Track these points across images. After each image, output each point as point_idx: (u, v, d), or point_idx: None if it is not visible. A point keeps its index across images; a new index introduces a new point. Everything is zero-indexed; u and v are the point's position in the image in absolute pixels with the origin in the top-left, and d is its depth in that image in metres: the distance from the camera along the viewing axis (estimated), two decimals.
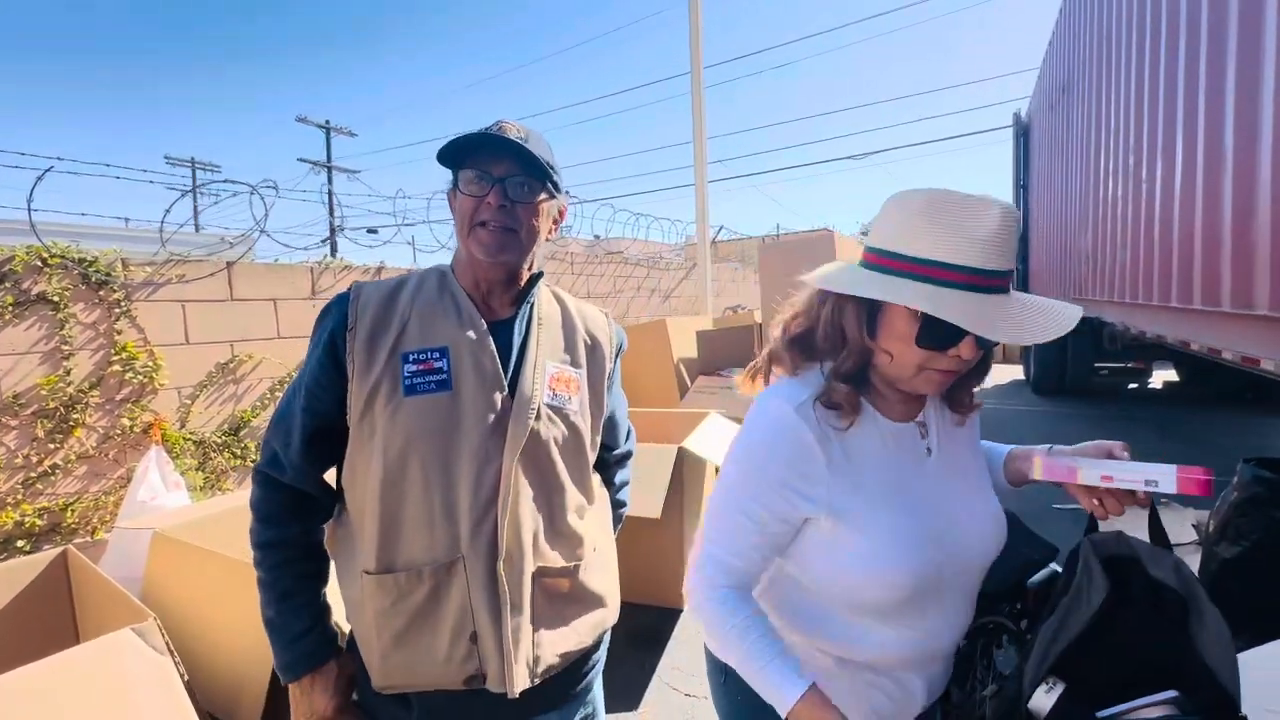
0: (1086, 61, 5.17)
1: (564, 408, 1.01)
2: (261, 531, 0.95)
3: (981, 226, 0.74)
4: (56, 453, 2.92)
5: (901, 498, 0.84)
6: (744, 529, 0.84)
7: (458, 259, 1.03)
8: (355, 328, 0.93)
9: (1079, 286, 5.61)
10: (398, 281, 1.01)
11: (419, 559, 0.90)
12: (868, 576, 0.82)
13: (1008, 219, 0.75)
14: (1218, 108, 2.38)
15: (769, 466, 0.83)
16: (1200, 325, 2.83)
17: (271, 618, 0.95)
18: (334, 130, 21.36)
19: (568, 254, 6.67)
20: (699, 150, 7.41)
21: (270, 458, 0.96)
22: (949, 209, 0.76)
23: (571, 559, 1.02)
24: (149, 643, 1.46)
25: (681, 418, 3.45)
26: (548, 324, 1.04)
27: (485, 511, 0.92)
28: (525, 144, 0.92)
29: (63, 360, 2.93)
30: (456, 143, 0.92)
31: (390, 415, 0.90)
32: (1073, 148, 5.87)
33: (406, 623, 0.90)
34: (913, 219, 0.78)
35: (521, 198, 0.94)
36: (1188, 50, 2.70)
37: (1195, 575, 0.79)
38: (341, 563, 0.98)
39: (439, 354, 0.93)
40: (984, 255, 0.74)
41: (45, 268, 2.89)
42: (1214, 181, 2.44)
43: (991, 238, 0.74)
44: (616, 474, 1.26)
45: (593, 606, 1.05)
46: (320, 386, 0.93)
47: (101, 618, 1.89)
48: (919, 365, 0.80)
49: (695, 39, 7.31)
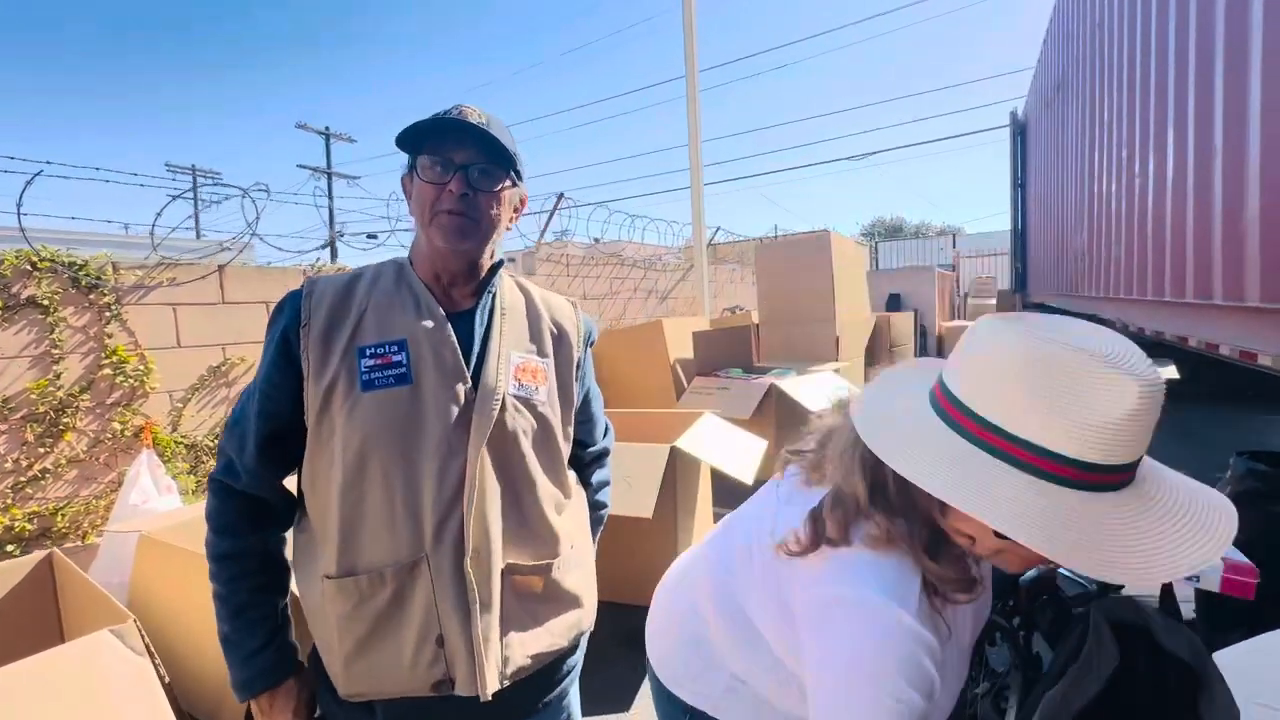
0: (1080, 58, 5.16)
1: (531, 398, 0.98)
2: (217, 543, 0.92)
3: (1109, 410, 0.55)
4: (47, 457, 2.92)
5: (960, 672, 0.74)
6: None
7: (416, 249, 0.99)
8: (309, 324, 0.90)
9: (1075, 283, 5.60)
10: (353, 275, 0.98)
11: (381, 561, 0.87)
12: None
13: (1145, 399, 0.55)
14: (1207, 101, 2.37)
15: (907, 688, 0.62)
16: (1194, 319, 2.81)
17: (227, 634, 0.92)
18: (334, 136, 21.43)
19: (564, 256, 6.67)
20: (694, 153, 7.42)
21: (225, 465, 0.92)
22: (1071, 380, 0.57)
23: (545, 556, 0.98)
24: (128, 644, 1.45)
25: (676, 417, 3.43)
26: (511, 313, 1.02)
27: (450, 508, 0.88)
28: (487, 129, 0.89)
29: (53, 364, 2.93)
30: (417, 127, 0.89)
31: (348, 413, 0.87)
32: (1068, 144, 5.86)
33: (369, 628, 0.87)
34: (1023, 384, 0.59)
35: (483, 185, 0.91)
36: (1177, 45, 2.69)
37: (1207, 651, 0.74)
38: (302, 568, 0.95)
39: (397, 347, 0.90)
40: (1106, 448, 0.56)
41: (35, 272, 2.88)
42: (1204, 174, 2.43)
43: (1120, 425, 0.55)
44: (594, 473, 1.22)
45: (568, 607, 1.02)
46: (274, 387, 0.90)
47: (85, 620, 1.88)
48: (1001, 549, 0.65)
49: (689, 42, 7.32)
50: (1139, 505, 0.60)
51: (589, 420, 1.17)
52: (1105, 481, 0.58)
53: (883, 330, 7.06)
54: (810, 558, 0.70)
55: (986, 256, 20.09)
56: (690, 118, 7.38)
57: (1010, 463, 0.60)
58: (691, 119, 7.37)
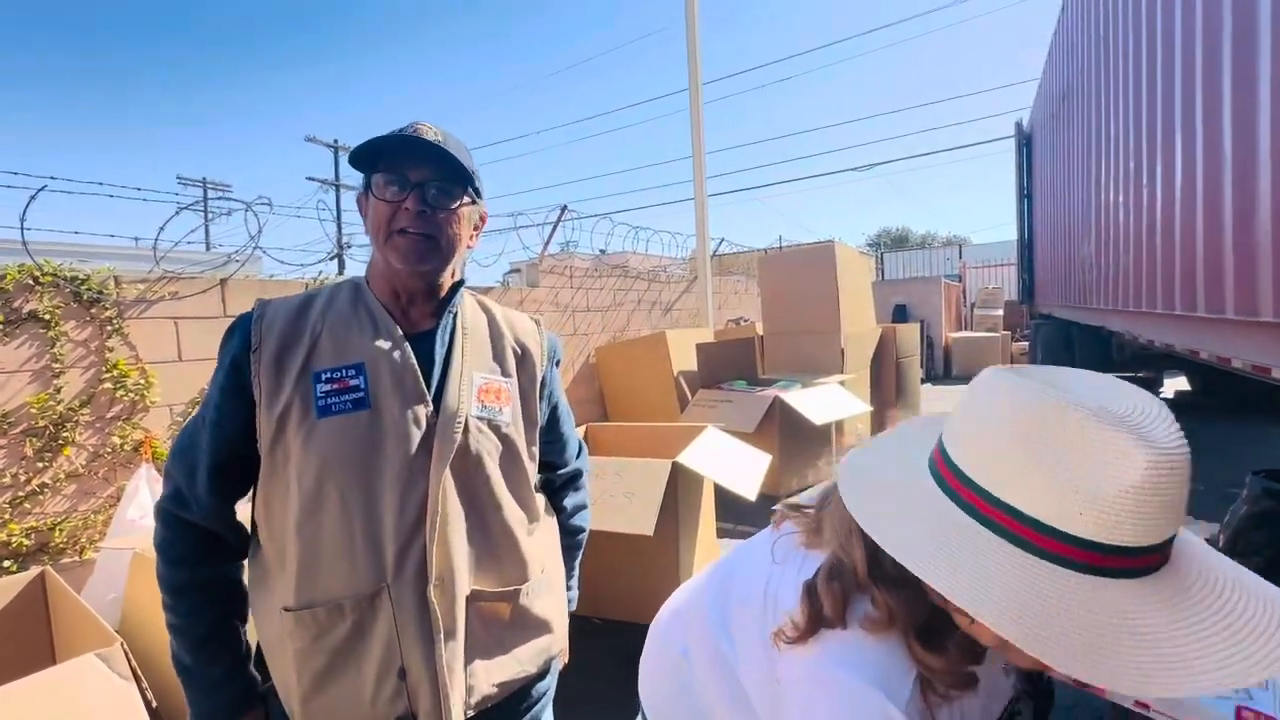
0: (1085, 69, 5.14)
1: (494, 419, 0.95)
2: (171, 575, 0.88)
3: (1117, 479, 0.46)
4: (45, 471, 2.91)
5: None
6: None
7: (374, 269, 0.96)
8: (260, 349, 0.87)
9: (1083, 295, 5.54)
10: (307, 296, 0.95)
11: (339, 592, 0.84)
12: None
13: (1163, 468, 0.46)
14: (1215, 111, 2.34)
15: None
16: (1206, 333, 2.76)
17: (188, 665, 0.88)
18: (342, 149, 21.64)
19: (567, 268, 6.67)
20: (698, 164, 7.43)
21: (173, 492, 0.89)
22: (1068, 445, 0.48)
23: (512, 581, 0.96)
24: (113, 668, 1.42)
25: (678, 431, 3.39)
26: (473, 333, 0.99)
27: (412, 535, 0.85)
28: (443, 146, 0.87)
29: (53, 378, 2.93)
30: (370, 145, 0.87)
31: (304, 440, 0.84)
32: (1074, 155, 5.83)
33: (328, 661, 0.84)
34: (1017, 447, 0.51)
35: (440, 204, 0.89)
36: (1183, 54, 2.66)
37: None
38: (257, 601, 0.91)
39: (354, 370, 0.87)
40: (1113, 525, 0.47)
41: (37, 286, 2.89)
42: (1214, 186, 2.39)
43: (1133, 497, 0.46)
44: (567, 496, 1.18)
45: (537, 633, 0.99)
46: (224, 415, 0.87)
47: (76, 641, 1.86)
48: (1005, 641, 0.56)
49: (693, 55, 7.35)
50: (1170, 595, 0.49)
51: (558, 440, 1.14)
52: (1115, 567, 0.48)
53: (889, 342, 7.00)
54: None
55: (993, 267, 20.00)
56: (694, 129, 7.40)
57: (1008, 539, 0.51)
58: (695, 130, 7.39)
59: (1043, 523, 0.49)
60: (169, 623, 0.89)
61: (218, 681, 0.88)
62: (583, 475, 1.22)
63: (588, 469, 1.24)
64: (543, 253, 6.41)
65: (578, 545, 1.22)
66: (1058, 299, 7.47)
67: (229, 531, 0.92)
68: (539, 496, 1.07)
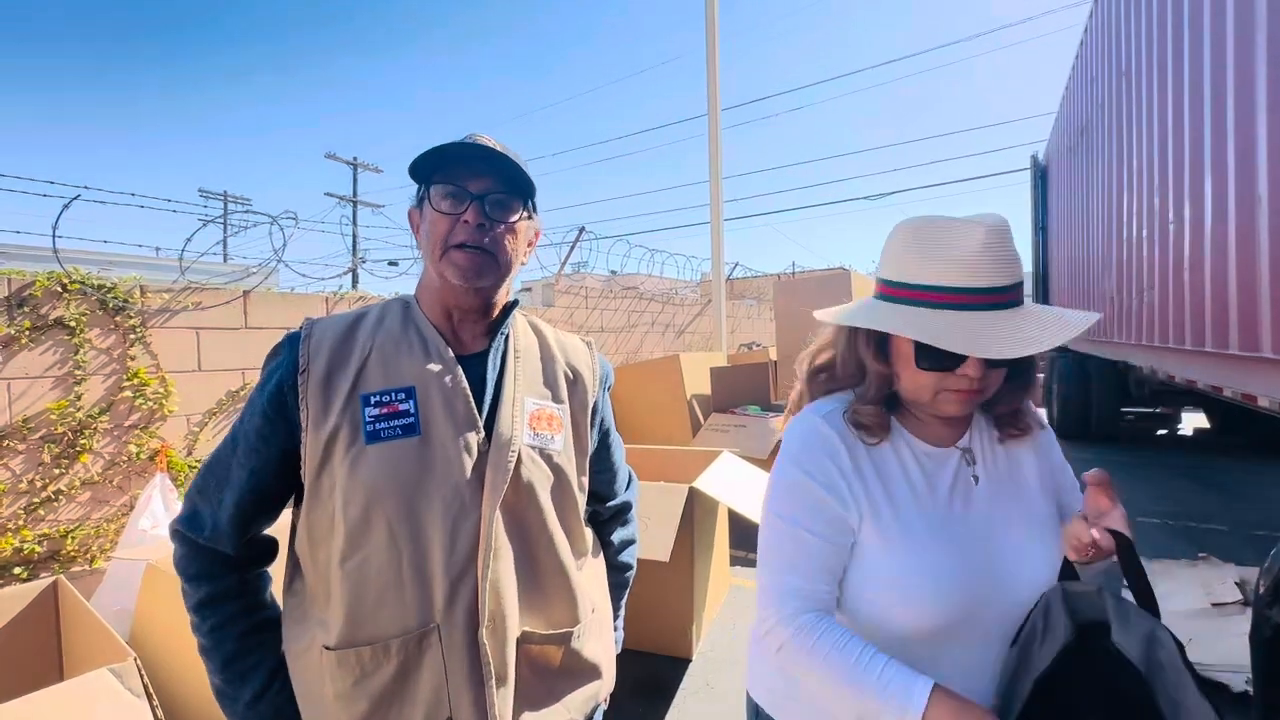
0: (1105, 102, 5.15)
1: (546, 447, 0.90)
2: (194, 591, 0.84)
3: (964, 246, 0.75)
4: (61, 478, 2.90)
5: (935, 526, 0.81)
6: (804, 548, 0.81)
7: (425, 286, 0.91)
8: (308, 370, 0.82)
9: (1104, 329, 5.48)
10: (356, 315, 0.90)
11: (386, 631, 0.79)
12: (891, 602, 0.79)
13: (993, 234, 0.75)
14: (1249, 145, 2.32)
15: (808, 477, 0.83)
16: (1236, 371, 2.71)
17: (220, 686, 0.85)
18: (361, 166, 22.03)
19: (583, 288, 6.69)
20: (715, 189, 7.48)
21: (190, 515, 0.84)
22: (934, 233, 0.77)
23: (563, 624, 0.90)
24: (126, 684, 1.39)
25: (693, 456, 3.35)
26: (525, 357, 0.94)
27: (463, 571, 0.80)
28: (505, 154, 0.84)
29: (75, 385, 2.94)
30: (431, 154, 0.83)
31: (350, 467, 0.79)
32: (1093, 189, 5.82)
33: (369, 708, 0.78)
34: (904, 246, 0.80)
35: (500, 216, 0.85)
36: (1214, 89, 2.66)
37: (1178, 653, 0.67)
38: (293, 638, 0.85)
39: (404, 394, 0.82)
40: (970, 274, 0.75)
41: (65, 293, 2.92)
42: (1247, 222, 2.36)
43: (976, 256, 0.75)
44: (615, 531, 1.12)
45: (587, 679, 0.93)
46: (263, 440, 0.82)
47: (85, 653, 1.83)
48: (934, 388, 0.80)
49: (712, 82, 7.45)
50: (1015, 313, 0.75)
51: (608, 470, 1.08)
52: (976, 302, 0.75)
53: None
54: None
55: None
56: (712, 154, 7.46)
57: (906, 303, 0.79)
58: (713, 156, 7.45)
59: (927, 285, 0.77)
60: (199, 646, 0.85)
61: (251, 700, 0.85)
62: (632, 509, 1.16)
63: (636, 501, 1.18)
64: (559, 273, 6.44)
65: (625, 583, 1.15)
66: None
67: (246, 552, 0.88)
68: (587, 530, 1.02)
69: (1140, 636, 0.70)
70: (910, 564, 0.79)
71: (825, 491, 0.82)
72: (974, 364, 0.76)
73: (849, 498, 0.82)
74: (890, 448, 0.85)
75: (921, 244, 0.78)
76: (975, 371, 0.77)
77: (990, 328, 0.74)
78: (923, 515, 0.82)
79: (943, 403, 0.81)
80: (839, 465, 0.83)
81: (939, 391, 0.80)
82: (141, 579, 2.14)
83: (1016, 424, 0.89)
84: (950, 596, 0.78)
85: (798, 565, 0.81)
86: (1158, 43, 3.52)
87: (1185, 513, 4.58)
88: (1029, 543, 0.83)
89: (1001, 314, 0.75)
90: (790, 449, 0.87)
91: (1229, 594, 2.85)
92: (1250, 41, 2.28)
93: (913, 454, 0.85)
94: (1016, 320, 0.74)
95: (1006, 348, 0.72)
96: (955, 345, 0.73)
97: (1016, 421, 0.89)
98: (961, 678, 0.77)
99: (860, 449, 0.84)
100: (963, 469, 0.86)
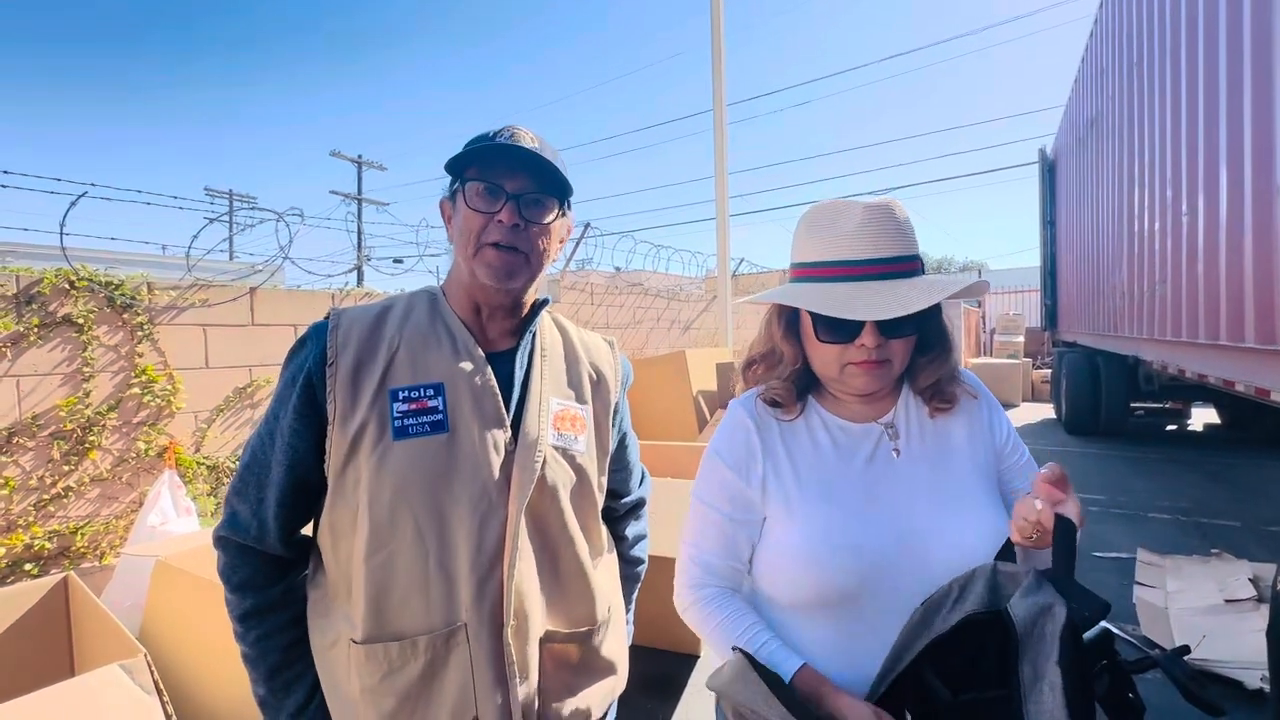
0: (1116, 95, 5.10)
1: (570, 448, 0.90)
2: (239, 602, 0.84)
3: (846, 224, 0.81)
4: (70, 475, 2.92)
5: (838, 497, 0.84)
6: (711, 524, 0.88)
7: (454, 280, 0.91)
8: (336, 362, 0.81)
9: (1114, 323, 5.43)
10: (383, 306, 0.89)
11: (413, 628, 0.79)
12: (790, 569, 0.82)
13: (872, 212, 0.80)
14: (1266, 136, 2.28)
15: (718, 458, 0.90)
16: (1249, 364, 2.67)
17: (264, 696, 0.84)
18: (365, 164, 22.06)
19: (588, 284, 6.67)
20: (720, 185, 7.45)
21: (230, 518, 0.84)
22: (824, 215, 0.83)
23: (582, 622, 0.91)
24: (136, 681, 1.39)
25: (699, 452, 3.34)
26: (551, 356, 0.94)
27: (489, 570, 0.80)
28: (541, 154, 0.83)
29: (83, 382, 2.95)
30: (470, 150, 0.82)
31: (378, 462, 0.79)
32: (1104, 182, 5.76)
33: (397, 704, 0.78)
34: (803, 229, 0.86)
35: (535, 217, 0.84)
36: (1229, 82, 2.62)
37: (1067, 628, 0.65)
38: (318, 631, 0.85)
39: (433, 391, 0.82)
40: (851, 248, 0.80)
41: (73, 290, 2.93)
42: (1264, 213, 2.33)
43: (856, 231, 0.80)
44: (629, 526, 1.13)
45: (604, 675, 0.94)
46: (297, 434, 0.81)
47: (96, 649, 1.83)
48: (837, 361, 0.83)
49: (718, 77, 7.41)
50: (900, 283, 0.79)
51: (625, 468, 1.09)
52: (860, 273, 0.79)
53: None
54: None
55: (1013, 293, 19.79)
56: (717, 150, 7.43)
57: (803, 280, 0.84)
58: (719, 151, 7.42)
59: (816, 261, 0.83)
60: (242, 654, 0.85)
61: (295, 711, 0.84)
62: (645, 504, 1.16)
63: (649, 497, 1.18)
64: (564, 269, 6.43)
65: (637, 577, 1.15)
66: (1083, 326, 7.35)
67: (292, 551, 0.87)
68: (603, 528, 1.02)
69: (1035, 606, 0.68)
70: (807, 532, 0.82)
71: (731, 472, 0.87)
72: (869, 333, 0.79)
73: (754, 475, 0.86)
74: (804, 424, 0.89)
75: (813, 226, 0.84)
76: (870, 340, 0.79)
77: (872, 295, 0.77)
78: (825, 487, 0.84)
79: (849, 377, 0.83)
80: (748, 445, 0.88)
81: (844, 365, 0.83)
82: (151, 575, 2.14)
83: (941, 397, 0.88)
84: (846, 564, 0.79)
85: (702, 540, 0.89)
86: (1170, 33, 3.47)
87: (1197, 509, 4.54)
88: (947, 516, 0.82)
89: (886, 283, 0.78)
90: (714, 435, 0.93)
91: (1243, 590, 2.82)
92: (1267, 29, 2.24)
93: (827, 430, 0.88)
94: (901, 288, 0.78)
95: (878, 310, 0.76)
96: (832, 310, 0.78)
97: (941, 394, 0.88)
98: (866, 647, 0.79)
99: (773, 428, 0.89)
100: (884, 444, 0.87)
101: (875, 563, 0.79)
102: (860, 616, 0.80)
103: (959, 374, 0.91)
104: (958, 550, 0.80)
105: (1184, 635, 2.53)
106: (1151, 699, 0.82)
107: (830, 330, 0.81)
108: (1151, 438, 7.52)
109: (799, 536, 0.82)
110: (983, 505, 0.84)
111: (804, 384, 0.90)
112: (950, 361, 0.89)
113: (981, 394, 0.93)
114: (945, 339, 0.89)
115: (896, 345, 0.81)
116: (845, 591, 0.80)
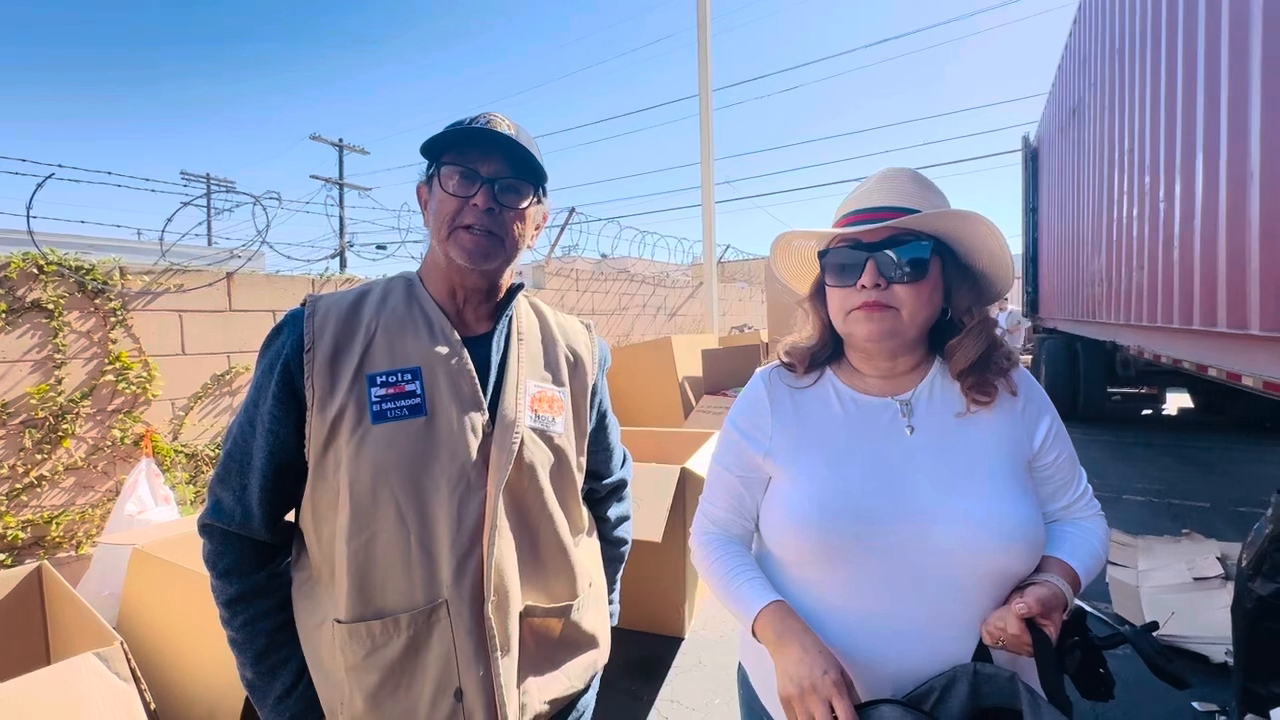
0: (1098, 82, 5.13)
1: (548, 429, 0.92)
2: (224, 588, 0.84)
3: (861, 188, 0.88)
4: (44, 463, 2.86)
5: (842, 462, 0.85)
6: (721, 482, 0.95)
7: (430, 265, 0.92)
8: (314, 348, 0.82)
9: (1092, 309, 5.52)
10: (359, 292, 0.90)
11: (395, 605, 0.80)
12: (783, 525, 0.85)
13: (886, 173, 0.87)
14: (1241, 122, 2.31)
15: (732, 424, 0.96)
16: (1222, 349, 2.73)
17: (252, 679, 0.85)
18: (347, 148, 21.67)
19: (574, 270, 6.63)
20: (706, 172, 7.42)
21: (214, 506, 0.84)
22: (852, 193, 0.91)
23: (563, 597, 0.93)
24: (112, 669, 1.38)
25: (684, 438, 3.35)
26: (528, 339, 0.96)
27: (469, 548, 0.82)
28: (516, 140, 0.83)
29: (55, 369, 2.88)
30: (445, 135, 0.83)
31: (357, 446, 0.80)
32: (1085, 169, 5.82)
33: (381, 679, 0.80)
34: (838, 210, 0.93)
35: (510, 202, 0.86)
36: (1207, 68, 2.64)
37: None
38: (303, 612, 0.86)
39: (410, 375, 0.83)
40: (857, 202, 0.86)
41: (41, 275, 2.85)
42: (1238, 199, 2.36)
43: (868, 190, 0.86)
44: (611, 507, 1.15)
45: (585, 648, 0.96)
46: (277, 421, 0.82)
47: (71, 638, 1.81)
48: (843, 308, 0.85)
49: (704, 63, 7.35)
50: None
51: (605, 449, 1.11)
52: (864, 219, 0.84)
53: None
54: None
55: None
56: (703, 136, 7.39)
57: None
58: (705, 137, 7.38)
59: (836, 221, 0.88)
60: (228, 638, 0.85)
61: (282, 694, 0.85)
62: (626, 486, 1.19)
63: (631, 478, 1.20)
64: (549, 255, 6.39)
65: (620, 557, 1.17)
66: (1063, 312, 7.45)
67: (277, 536, 0.88)
68: (584, 509, 1.04)
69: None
70: (802, 490, 0.84)
71: (741, 435, 0.93)
72: (868, 273, 0.80)
73: (763, 437, 0.91)
74: (817, 392, 0.92)
75: (844, 201, 0.91)
76: (869, 280, 0.81)
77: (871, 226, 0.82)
78: (828, 451, 0.86)
79: (853, 324, 0.84)
80: (759, 410, 0.92)
81: (848, 312, 0.84)
82: (128, 564, 2.11)
83: (980, 389, 0.84)
84: (834, 526, 0.80)
85: (713, 495, 0.96)
86: (1151, 20, 3.49)
87: (1169, 490, 4.66)
88: (953, 499, 0.80)
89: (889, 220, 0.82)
90: (741, 395, 0.99)
91: (1210, 569, 2.90)
92: (1245, 17, 2.26)
93: (839, 400, 0.90)
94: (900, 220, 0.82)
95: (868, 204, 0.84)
96: (819, 232, 0.87)
97: (980, 384, 0.84)
98: (864, 608, 0.81)
99: (786, 395, 0.92)
100: (897, 420, 0.86)
101: (868, 531, 0.79)
102: (857, 582, 0.81)
103: (1003, 366, 0.86)
104: (967, 539, 0.78)
105: (1154, 612, 2.60)
106: (1121, 673, 0.84)
107: (836, 274, 0.84)
108: (1127, 422, 7.68)
109: (793, 494, 0.85)
110: (988, 496, 0.80)
111: (824, 355, 0.94)
112: (987, 346, 0.85)
113: (1027, 397, 0.88)
114: (983, 322, 0.85)
115: (901, 291, 0.80)
116: (835, 553, 0.80)
